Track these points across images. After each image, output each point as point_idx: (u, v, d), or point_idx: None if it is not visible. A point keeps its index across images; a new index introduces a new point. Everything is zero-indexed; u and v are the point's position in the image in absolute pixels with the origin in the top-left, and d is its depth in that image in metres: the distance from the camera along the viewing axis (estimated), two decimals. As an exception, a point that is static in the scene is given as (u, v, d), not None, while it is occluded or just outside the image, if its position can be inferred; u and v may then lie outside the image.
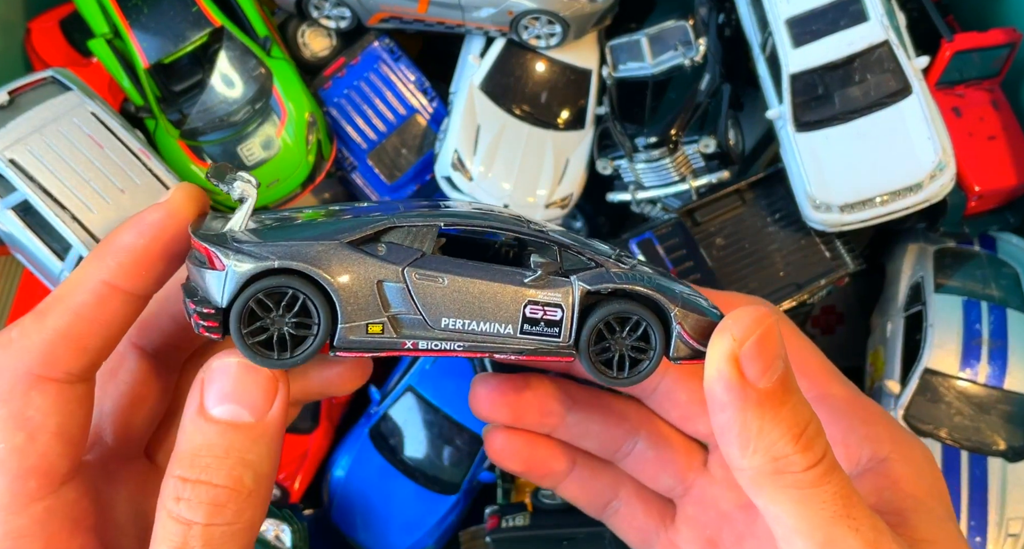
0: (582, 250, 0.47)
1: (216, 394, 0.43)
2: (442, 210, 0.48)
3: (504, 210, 0.51)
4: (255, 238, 0.45)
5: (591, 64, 1.39)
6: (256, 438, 0.44)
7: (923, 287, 1.27)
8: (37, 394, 0.45)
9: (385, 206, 0.50)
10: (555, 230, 0.50)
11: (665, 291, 0.47)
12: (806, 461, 0.42)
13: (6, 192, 1.12)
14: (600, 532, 1.22)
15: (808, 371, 0.53)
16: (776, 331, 0.43)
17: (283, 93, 1.30)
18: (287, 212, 0.52)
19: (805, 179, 1.19)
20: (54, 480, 0.46)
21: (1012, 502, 1.11)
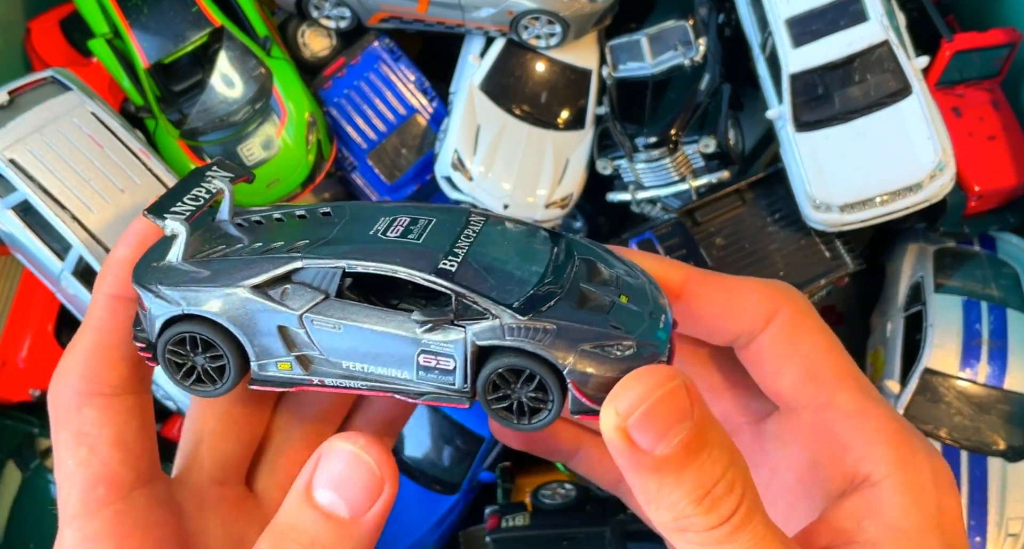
0: (476, 300, 0.44)
1: (324, 478, 0.43)
2: (357, 245, 0.46)
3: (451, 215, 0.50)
4: (182, 276, 0.48)
5: (591, 64, 1.40)
6: (345, 536, 0.43)
7: (923, 287, 1.27)
8: (89, 409, 0.48)
9: (363, 214, 0.51)
10: (462, 284, 0.46)
11: (561, 346, 0.44)
12: (708, 522, 0.40)
13: (6, 192, 1.12)
14: (600, 532, 1.22)
15: (817, 376, 0.49)
16: (678, 393, 0.40)
17: (283, 93, 1.30)
18: (267, 212, 0.53)
19: (805, 179, 1.19)
20: (121, 487, 0.48)
21: (1012, 502, 1.11)
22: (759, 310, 0.50)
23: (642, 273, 0.50)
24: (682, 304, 0.51)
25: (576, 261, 0.49)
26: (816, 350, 0.50)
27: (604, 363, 0.44)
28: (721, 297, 0.51)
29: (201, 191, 0.52)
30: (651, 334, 0.46)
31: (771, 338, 0.50)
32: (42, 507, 1.23)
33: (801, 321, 0.50)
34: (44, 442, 1.27)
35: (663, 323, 0.47)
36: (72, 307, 1.22)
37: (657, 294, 0.49)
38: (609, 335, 0.45)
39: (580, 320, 0.45)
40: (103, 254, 1.12)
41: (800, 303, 0.50)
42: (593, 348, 0.44)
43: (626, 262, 0.51)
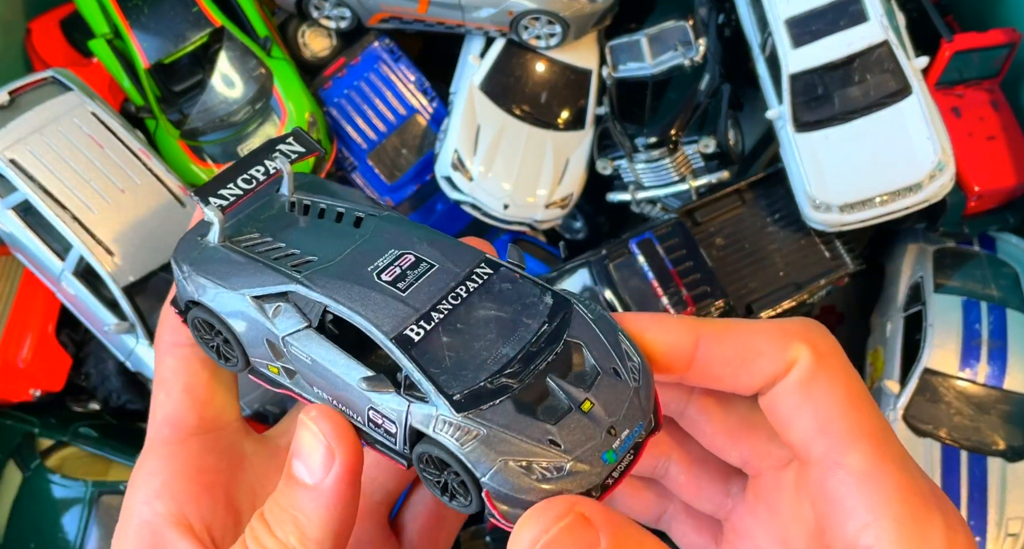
0: (421, 381, 0.43)
1: (295, 448, 0.46)
2: (348, 283, 0.46)
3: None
4: (209, 263, 0.50)
5: (591, 64, 1.40)
6: (312, 500, 0.45)
7: (923, 287, 1.27)
8: (169, 358, 0.54)
9: (379, 239, 0.49)
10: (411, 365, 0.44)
11: (485, 454, 0.42)
12: None
13: (7, 192, 1.12)
14: (600, 532, 1.22)
15: (829, 431, 0.45)
16: (574, 529, 0.39)
17: (283, 93, 1.30)
18: (321, 200, 0.53)
19: (805, 179, 1.19)
20: (182, 430, 0.53)
21: (1012, 502, 1.11)
22: (776, 362, 0.46)
23: (638, 364, 0.46)
24: (698, 366, 0.48)
25: (559, 346, 0.45)
26: (832, 403, 0.45)
27: (525, 482, 0.42)
28: (737, 354, 0.47)
29: (259, 171, 0.52)
30: (595, 455, 0.42)
31: (786, 389, 0.46)
32: (42, 507, 1.23)
33: (820, 371, 0.46)
34: (44, 442, 1.27)
35: (621, 441, 0.43)
36: (72, 307, 1.22)
37: (637, 399, 0.45)
38: (541, 453, 0.42)
39: (517, 429, 0.42)
40: (103, 254, 1.12)
41: (821, 345, 0.47)
42: (518, 464, 0.42)
43: (625, 349, 0.46)
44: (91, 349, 1.30)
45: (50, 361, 1.28)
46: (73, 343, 1.31)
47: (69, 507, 1.22)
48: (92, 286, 1.15)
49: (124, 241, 1.14)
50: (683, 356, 0.47)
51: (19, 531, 1.24)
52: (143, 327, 1.16)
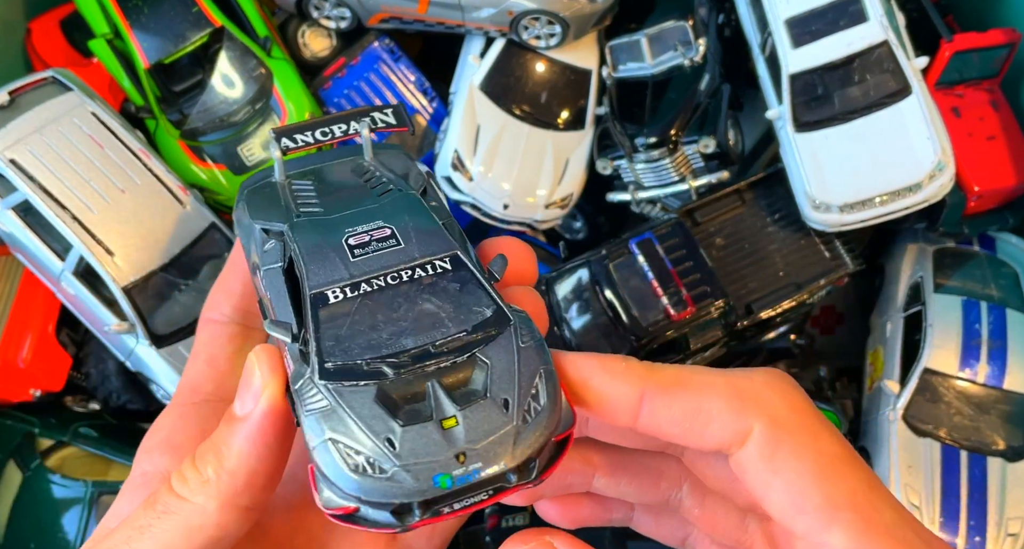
0: (310, 338, 0.43)
1: (240, 381, 0.46)
2: (316, 241, 0.45)
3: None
4: (261, 211, 0.50)
5: (591, 64, 1.40)
6: (235, 432, 0.44)
7: (922, 287, 1.27)
8: (203, 332, 0.55)
9: (363, 205, 0.49)
10: None
11: (317, 428, 0.40)
12: None
13: (6, 192, 1.12)
14: (600, 532, 1.22)
15: (804, 507, 0.41)
16: None
17: (283, 93, 1.30)
18: (379, 172, 0.52)
19: (805, 179, 1.19)
20: (198, 393, 0.53)
21: (1011, 502, 1.11)
22: (728, 431, 0.42)
23: (540, 408, 0.41)
24: (644, 421, 0.44)
25: (462, 358, 0.42)
26: (801, 475, 0.40)
27: (339, 468, 0.39)
28: (685, 415, 0.42)
29: (339, 129, 0.52)
30: (426, 472, 0.39)
31: (748, 460, 0.42)
32: (42, 507, 1.23)
33: (781, 437, 0.41)
34: (44, 442, 1.27)
35: (466, 471, 0.39)
36: (72, 307, 1.22)
37: (511, 439, 0.40)
38: (370, 447, 0.39)
39: (361, 416, 0.40)
40: (103, 254, 1.12)
41: (779, 411, 0.42)
42: (343, 448, 0.39)
43: (537, 388, 0.42)
44: (91, 349, 1.30)
45: (50, 361, 1.28)
46: (73, 343, 1.31)
47: (69, 507, 1.22)
48: (92, 286, 1.15)
49: (124, 241, 1.14)
50: (627, 410, 0.43)
51: (19, 531, 1.24)
52: (143, 327, 1.16)
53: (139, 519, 0.44)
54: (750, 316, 1.22)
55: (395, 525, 0.40)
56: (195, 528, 0.43)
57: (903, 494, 1.12)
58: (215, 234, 1.22)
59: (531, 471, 0.41)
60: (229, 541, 0.44)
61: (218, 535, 0.43)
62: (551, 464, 0.42)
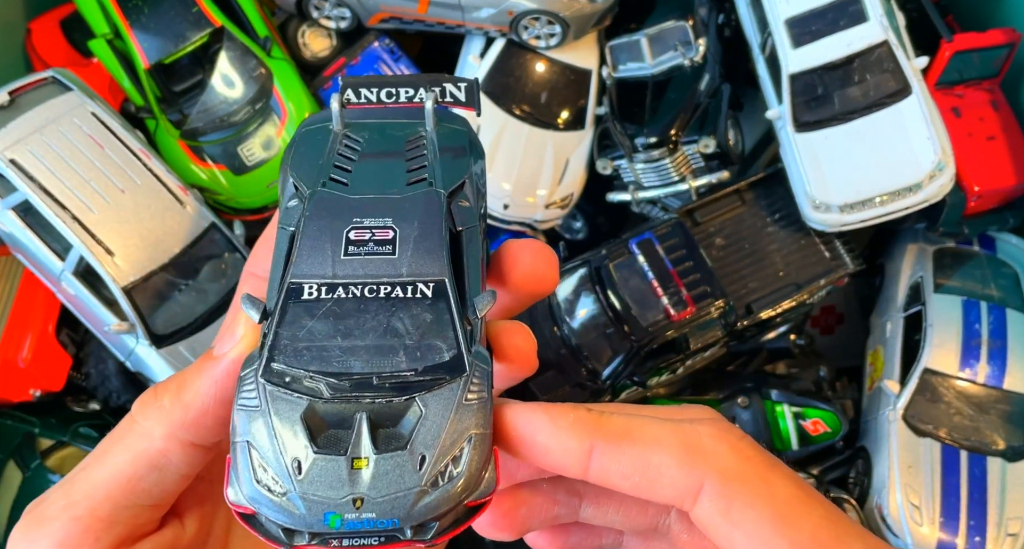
0: (267, 333, 0.42)
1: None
2: (323, 225, 0.45)
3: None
4: (304, 170, 0.49)
5: (591, 64, 1.40)
6: (201, 368, 0.45)
7: (922, 287, 1.27)
8: (241, 285, 0.51)
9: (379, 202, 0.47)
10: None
11: (236, 428, 0.40)
12: None
13: (7, 192, 1.12)
14: (600, 532, 1.22)
15: None
16: None
17: (283, 93, 1.30)
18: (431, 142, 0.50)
19: (805, 179, 1.19)
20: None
21: (1011, 502, 1.11)
22: (679, 487, 0.42)
23: (456, 474, 0.40)
24: (595, 474, 0.43)
25: (399, 399, 0.41)
26: (760, 524, 0.40)
27: (247, 476, 0.39)
28: (635, 470, 0.42)
29: (406, 94, 0.50)
30: (319, 506, 0.39)
31: (705, 515, 0.42)
32: (42, 507, 1.23)
33: (732, 490, 0.41)
34: (44, 442, 1.27)
35: (357, 517, 0.39)
36: (72, 307, 1.22)
37: (412, 499, 0.39)
38: (275, 466, 0.39)
39: (281, 430, 0.40)
40: (103, 254, 1.12)
41: (727, 463, 0.42)
42: (253, 456, 0.40)
43: (460, 453, 0.40)
44: (91, 349, 1.30)
45: (50, 361, 1.28)
46: (73, 343, 1.31)
47: (69, 507, 1.22)
48: (92, 286, 1.15)
49: (124, 241, 1.14)
50: (575, 463, 0.43)
51: (19, 531, 1.24)
52: (143, 327, 1.16)
53: (100, 446, 0.45)
54: (750, 316, 1.22)
55: (283, 542, 0.40)
56: (139, 452, 0.44)
57: (903, 494, 1.12)
58: (215, 234, 1.22)
59: (428, 531, 0.40)
60: (171, 475, 0.44)
61: (159, 463, 0.44)
62: (454, 527, 0.41)
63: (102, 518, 0.43)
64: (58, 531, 0.43)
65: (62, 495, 0.44)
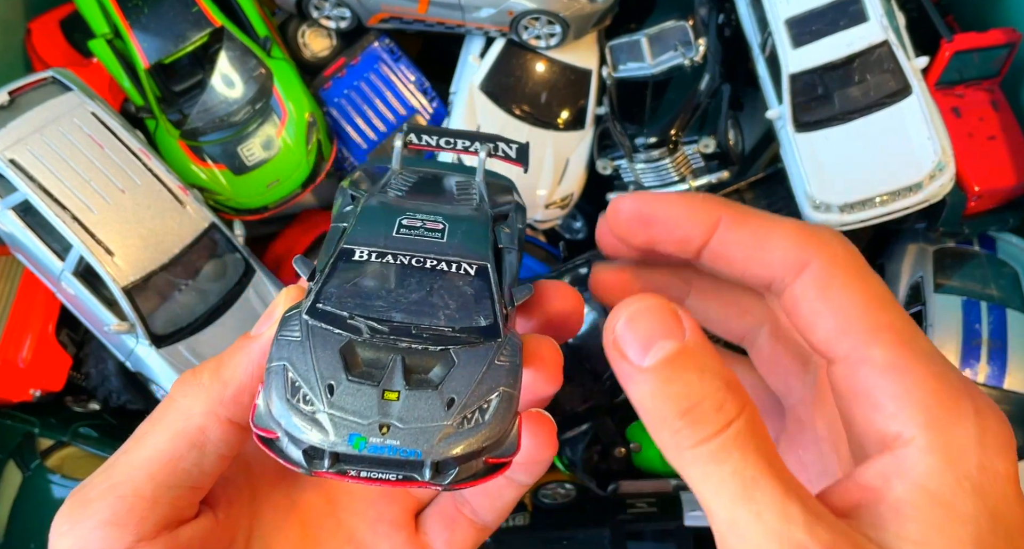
0: (316, 282, 0.45)
1: None
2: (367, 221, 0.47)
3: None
4: (370, 169, 0.54)
5: (591, 64, 1.40)
6: (241, 347, 0.46)
7: (923, 287, 1.27)
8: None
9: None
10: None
11: (273, 356, 0.42)
12: (695, 435, 0.40)
13: (6, 192, 1.12)
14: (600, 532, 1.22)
15: (851, 330, 0.44)
16: (662, 310, 0.42)
17: (283, 93, 1.30)
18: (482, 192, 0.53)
19: (805, 179, 1.19)
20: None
21: (1011, 502, 1.11)
22: (789, 258, 0.46)
23: (482, 422, 0.42)
24: (712, 249, 0.48)
25: (436, 349, 0.43)
26: (851, 302, 0.45)
27: (279, 393, 0.41)
28: (751, 243, 0.47)
29: (462, 144, 0.53)
30: (346, 428, 0.40)
31: (803, 289, 0.46)
32: (42, 507, 1.23)
33: (835, 271, 0.45)
34: (44, 442, 1.27)
35: (382, 442, 0.40)
36: (72, 307, 1.22)
37: (436, 436, 0.40)
38: (312, 387, 0.41)
39: (318, 358, 0.42)
40: (103, 254, 1.12)
41: (837, 250, 0.46)
42: (291, 378, 0.41)
43: (484, 403, 0.42)
44: (91, 349, 1.30)
45: (50, 361, 1.28)
46: (73, 343, 1.32)
47: (69, 507, 1.22)
48: (92, 286, 1.15)
49: (124, 241, 1.14)
50: (703, 233, 0.48)
51: (19, 531, 1.24)
52: (143, 327, 1.16)
53: (140, 428, 0.46)
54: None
55: (303, 466, 0.41)
56: (179, 431, 0.45)
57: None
58: (215, 234, 1.22)
59: (447, 475, 0.41)
60: (210, 455, 0.45)
61: (198, 441, 0.45)
62: (472, 479, 0.42)
63: (145, 497, 0.44)
64: (103, 510, 0.43)
65: (104, 478, 0.45)
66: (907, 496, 0.41)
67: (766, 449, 0.41)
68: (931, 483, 0.40)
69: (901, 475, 0.41)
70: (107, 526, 0.43)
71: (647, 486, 1.26)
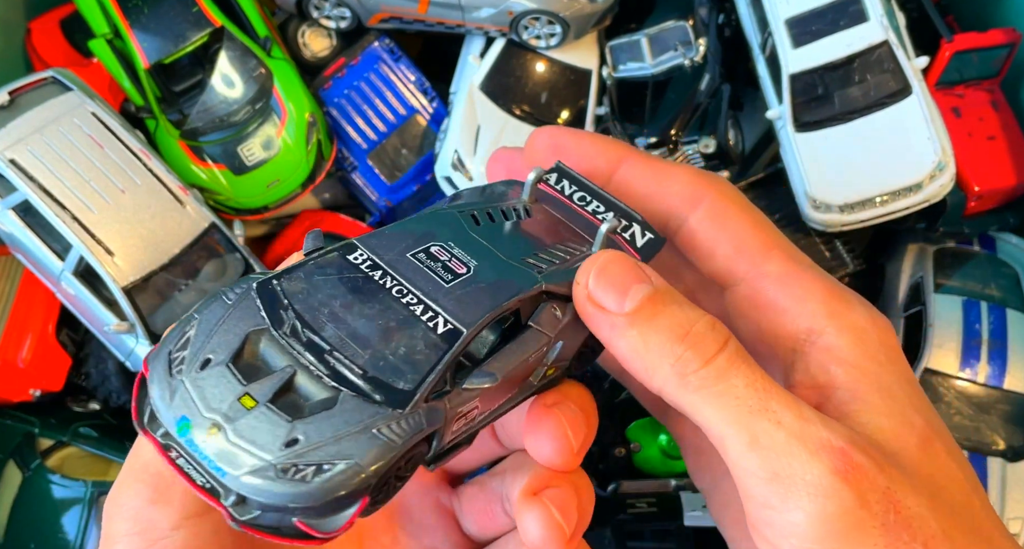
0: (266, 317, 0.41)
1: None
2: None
3: None
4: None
5: (591, 64, 1.40)
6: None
7: (923, 287, 1.27)
8: None
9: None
10: None
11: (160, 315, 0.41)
12: (701, 357, 0.41)
13: (6, 192, 1.12)
14: (600, 532, 1.22)
15: (745, 251, 0.50)
16: (620, 261, 0.44)
17: (283, 93, 1.30)
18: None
19: (805, 179, 1.19)
20: None
21: (1012, 502, 1.11)
22: (685, 194, 0.51)
23: (307, 490, 0.36)
24: (616, 182, 0.53)
25: (330, 385, 0.38)
26: (742, 227, 0.51)
27: (170, 333, 0.40)
28: (651, 180, 0.52)
29: (596, 205, 0.51)
30: (181, 408, 0.37)
31: (698, 221, 0.51)
32: (42, 507, 1.23)
33: (727, 204, 0.51)
34: (44, 442, 1.27)
35: (197, 442, 0.36)
36: (72, 307, 1.22)
37: (249, 469, 0.36)
38: (190, 350, 0.39)
39: (226, 327, 0.40)
40: (103, 254, 1.12)
41: (725, 188, 0.52)
42: (189, 325, 0.41)
43: (329, 472, 0.36)
44: (91, 349, 1.30)
45: (50, 361, 1.28)
46: (73, 343, 1.31)
47: (69, 507, 1.22)
48: (92, 286, 1.15)
49: (124, 241, 1.14)
50: (607, 168, 0.53)
51: (19, 531, 1.24)
52: (143, 327, 1.16)
53: None
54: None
55: (141, 421, 0.39)
56: None
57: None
58: (215, 234, 1.22)
59: (246, 512, 0.37)
60: None
61: None
62: (269, 532, 0.37)
63: None
64: (145, 491, 0.44)
65: (135, 458, 0.46)
66: (850, 375, 0.45)
67: (755, 362, 0.43)
68: (858, 360, 0.45)
69: (834, 360, 0.46)
70: (153, 506, 0.43)
71: (647, 486, 1.26)
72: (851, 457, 0.39)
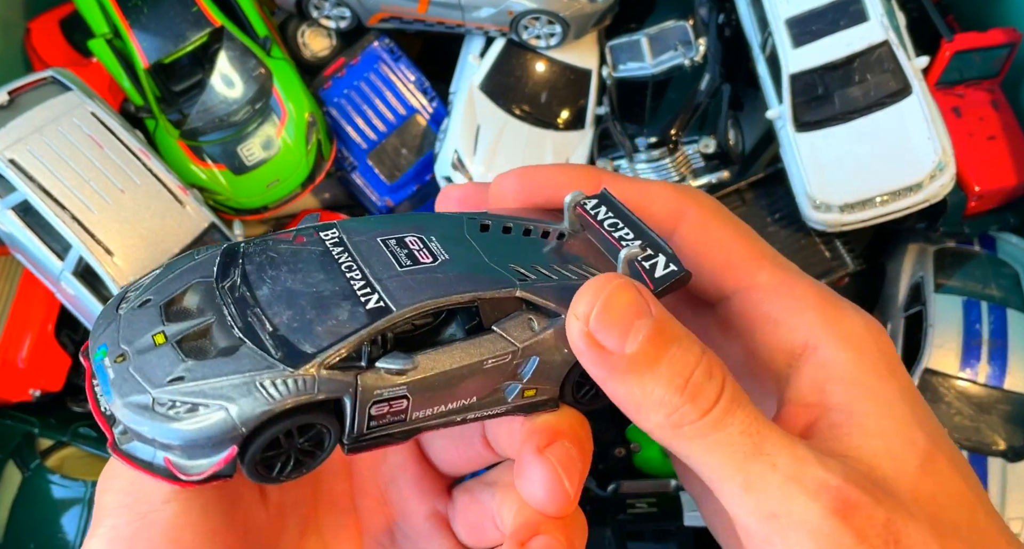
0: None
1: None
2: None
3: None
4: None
5: (591, 64, 1.40)
6: None
7: (923, 287, 1.27)
8: None
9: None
10: None
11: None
12: (698, 409, 0.40)
13: (6, 192, 1.12)
14: (600, 532, 1.22)
15: (733, 263, 0.49)
16: (628, 289, 0.41)
17: (283, 93, 1.30)
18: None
19: (805, 179, 1.19)
20: None
21: (1012, 502, 1.11)
22: (666, 210, 0.50)
23: (178, 430, 0.37)
24: None
25: (238, 338, 0.39)
26: (727, 239, 0.50)
27: (125, 288, 0.44)
28: (633, 197, 0.50)
29: (625, 232, 0.48)
30: (106, 337, 0.40)
31: (682, 237, 0.50)
32: (42, 507, 1.23)
33: (710, 216, 0.50)
34: (44, 442, 1.27)
35: (104, 367, 0.38)
36: (72, 307, 1.22)
37: (124, 397, 0.37)
38: (137, 284, 0.43)
39: (180, 270, 0.43)
40: (103, 254, 1.12)
41: (705, 201, 0.51)
42: (134, 288, 0.44)
43: (202, 415, 0.37)
44: (91, 349, 1.30)
45: (50, 361, 1.28)
46: (73, 343, 1.31)
47: (69, 507, 1.22)
48: (92, 286, 1.15)
49: (124, 241, 1.14)
50: (591, 187, 0.51)
51: (19, 531, 1.24)
52: (143, 327, 1.16)
53: None
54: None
55: (83, 351, 0.42)
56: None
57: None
58: (215, 234, 1.22)
59: (124, 441, 0.39)
60: None
61: None
62: (138, 463, 0.39)
63: None
64: None
65: None
66: (847, 394, 0.44)
67: (751, 405, 0.42)
68: (855, 374, 0.44)
69: (830, 378, 0.44)
70: (145, 479, 0.42)
71: (647, 486, 1.26)
72: (848, 496, 0.39)
